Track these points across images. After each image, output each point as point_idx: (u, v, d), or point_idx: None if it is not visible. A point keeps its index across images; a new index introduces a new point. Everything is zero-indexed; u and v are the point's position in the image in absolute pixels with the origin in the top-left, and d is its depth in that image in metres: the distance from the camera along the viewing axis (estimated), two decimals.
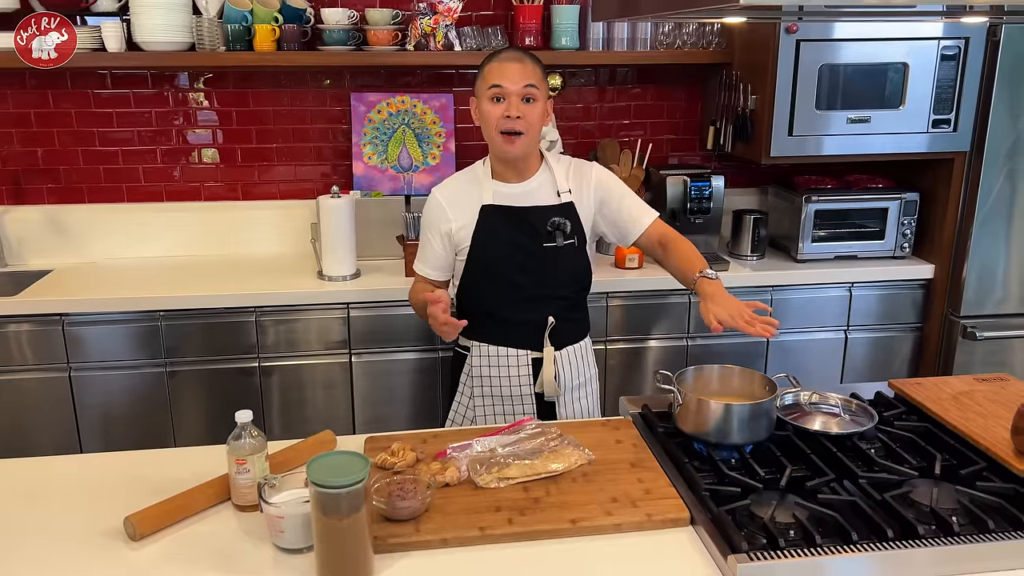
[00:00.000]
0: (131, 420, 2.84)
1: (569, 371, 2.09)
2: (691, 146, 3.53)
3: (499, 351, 2.05)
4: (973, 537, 1.37)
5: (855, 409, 1.80)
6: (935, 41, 2.91)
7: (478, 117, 2.00)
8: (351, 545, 1.30)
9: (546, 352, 2.03)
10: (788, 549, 1.34)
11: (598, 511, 1.48)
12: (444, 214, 2.04)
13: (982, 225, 3.03)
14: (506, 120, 1.92)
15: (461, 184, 2.08)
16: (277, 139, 3.27)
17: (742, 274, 3.06)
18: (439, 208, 2.05)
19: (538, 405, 2.08)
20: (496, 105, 1.93)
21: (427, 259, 2.11)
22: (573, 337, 2.10)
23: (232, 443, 1.49)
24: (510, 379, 2.05)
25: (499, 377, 2.06)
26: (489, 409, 2.09)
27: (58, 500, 1.56)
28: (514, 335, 2.04)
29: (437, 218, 2.06)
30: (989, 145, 2.97)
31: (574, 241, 2.03)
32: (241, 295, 2.81)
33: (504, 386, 2.06)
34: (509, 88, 1.92)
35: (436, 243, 2.07)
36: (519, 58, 1.95)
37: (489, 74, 1.94)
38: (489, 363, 2.06)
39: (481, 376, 2.07)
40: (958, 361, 3.13)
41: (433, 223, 2.06)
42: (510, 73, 1.92)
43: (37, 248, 3.19)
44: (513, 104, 1.92)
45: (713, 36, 3.16)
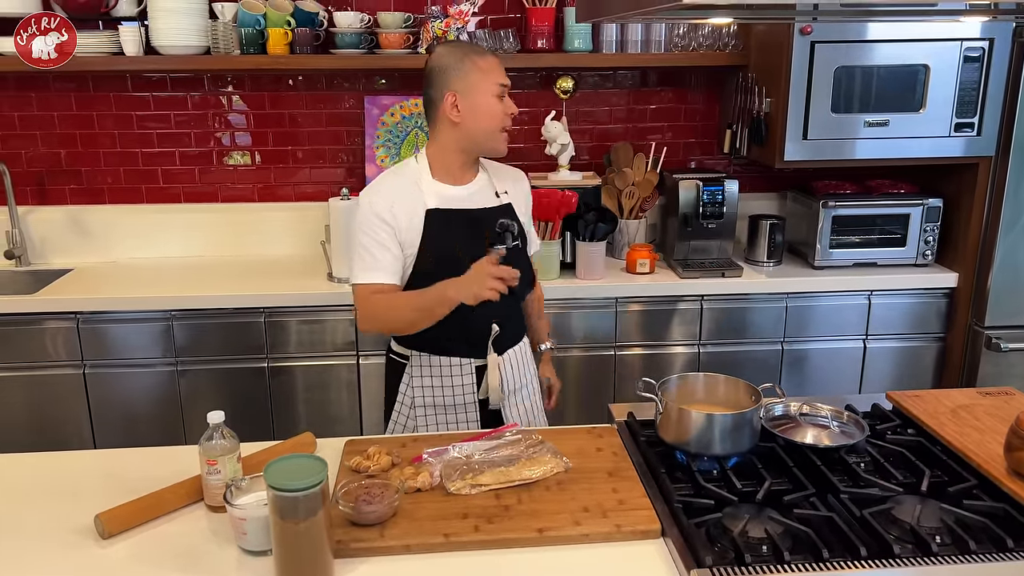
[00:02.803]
0: (144, 418, 2.89)
1: (512, 375, 2.02)
2: (710, 150, 3.48)
3: (440, 360, 1.96)
4: (952, 558, 1.32)
5: (846, 421, 1.75)
6: (957, 42, 2.82)
7: (466, 113, 1.86)
8: (308, 549, 1.29)
9: (490, 359, 1.95)
10: (753, 565, 1.30)
11: (567, 520, 1.46)
12: (386, 209, 1.85)
13: (1008, 232, 2.93)
14: (511, 117, 1.91)
15: (396, 186, 1.90)
16: (293, 142, 3.31)
17: (758, 280, 3.00)
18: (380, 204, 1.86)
19: (481, 413, 2.00)
20: (501, 103, 1.89)
21: (383, 264, 1.86)
22: (513, 340, 2.04)
23: (204, 443, 1.50)
24: (452, 388, 1.97)
25: (441, 387, 1.97)
26: (431, 419, 1.99)
27: (33, 497, 1.58)
28: (458, 343, 1.94)
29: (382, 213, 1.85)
30: (1015, 149, 2.86)
31: (519, 243, 1.97)
32: (251, 296, 2.85)
33: (447, 396, 1.97)
34: (508, 86, 1.91)
35: (391, 243, 1.86)
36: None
37: (493, 71, 1.88)
38: (431, 373, 1.97)
39: (423, 387, 1.97)
40: (982, 373, 3.03)
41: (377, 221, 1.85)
42: (504, 72, 1.90)
43: (59, 248, 3.27)
44: (511, 102, 1.91)
45: (729, 38, 3.11)
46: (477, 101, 1.87)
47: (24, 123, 3.20)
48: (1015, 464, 1.50)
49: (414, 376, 1.98)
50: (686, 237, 3.10)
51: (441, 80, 1.87)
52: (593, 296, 2.93)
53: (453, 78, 1.86)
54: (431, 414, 1.99)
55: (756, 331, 3.02)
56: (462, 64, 1.86)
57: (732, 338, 3.02)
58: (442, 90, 1.87)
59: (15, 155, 3.22)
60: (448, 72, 1.86)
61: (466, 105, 1.86)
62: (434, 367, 1.96)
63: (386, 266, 1.86)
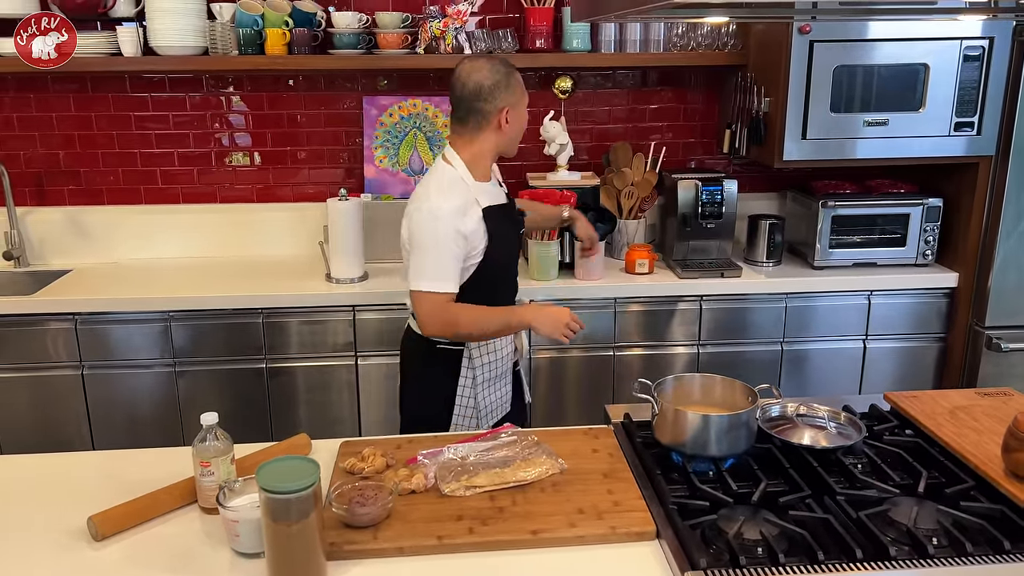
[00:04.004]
0: (143, 419, 2.89)
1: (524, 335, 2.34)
2: (710, 149, 3.47)
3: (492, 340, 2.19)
4: (949, 560, 1.31)
5: (844, 422, 1.74)
6: (957, 41, 2.80)
7: (513, 123, 2.12)
8: (301, 551, 1.29)
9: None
10: (748, 567, 1.29)
11: (562, 522, 1.46)
12: (460, 222, 2.03)
13: (1009, 232, 2.92)
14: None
15: (455, 190, 2.07)
16: (291, 142, 3.30)
17: (757, 281, 2.99)
18: (455, 217, 2.02)
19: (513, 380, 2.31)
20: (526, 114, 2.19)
21: (453, 275, 2.05)
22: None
23: (197, 445, 1.50)
24: (500, 361, 2.22)
25: (495, 362, 2.21)
26: (489, 391, 2.22)
27: (26, 498, 1.58)
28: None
29: (457, 226, 2.02)
30: (1016, 149, 2.85)
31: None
32: (249, 296, 2.84)
33: (499, 368, 2.23)
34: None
35: (460, 252, 2.05)
36: None
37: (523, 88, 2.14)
38: (487, 351, 2.19)
39: (482, 365, 2.18)
40: (983, 373, 3.02)
41: (452, 236, 2.02)
42: None
43: (58, 248, 3.27)
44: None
45: (728, 38, 3.10)
46: (520, 113, 2.14)
47: (23, 124, 3.20)
48: (1013, 465, 1.49)
49: (473, 358, 2.17)
50: (685, 237, 3.09)
51: (497, 94, 2.08)
52: (592, 296, 2.92)
53: (505, 93, 2.09)
54: (489, 388, 2.22)
55: (756, 331, 3.01)
56: (510, 81, 2.10)
57: (732, 338, 3.02)
58: (497, 103, 2.08)
59: (14, 156, 3.22)
60: (501, 88, 2.09)
61: (513, 117, 2.12)
62: (489, 346, 2.19)
63: (456, 276, 2.06)
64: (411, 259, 2.08)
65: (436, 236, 2.01)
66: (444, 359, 2.17)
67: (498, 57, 2.16)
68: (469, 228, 2.03)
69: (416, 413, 2.23)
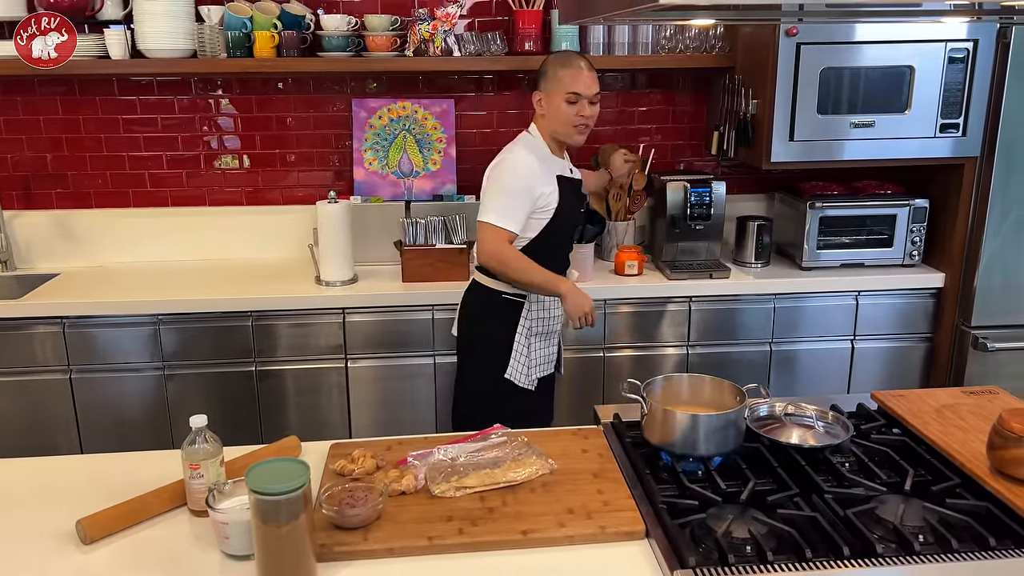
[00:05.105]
0: (132, 422, 2.88)
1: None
2: (698, 151, 3.48)
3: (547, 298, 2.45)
4: (935, 557, 1.32)
5: (831, 421, 1.75)
6: (942, 43, 2.83)
7: (547, 109, 2.38)
8: (291, 553, 1.29)
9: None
10: (737, 566, 1.30)
11: (552, 522, 1.46)
12: (541, 177, 2.34)
13: (994, 232, 2.94)
14: (580, 118, 2.38)
15: (536, 154, 2.38)
16: (281, 145, 3.30)
17: (745, 281, 3.01)
18: (535, 171, 2.33)
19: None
20: (571, 106, 2.35)
21: (518, 218, 2.33)
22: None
23: (187, 448, 1.50)
24: (551, 319, 2.49)
25: (548, 319, 2.48)
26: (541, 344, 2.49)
27: (14, 502, 1.57)
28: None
29: (535, 180, 2.33)
30: (1000, 150, 2.88)
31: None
32: (238, 299, 2.84)
33: (551, 324, 2.50)
34: (584, 94, 2.35)
35: (528, 204, 2.33)
36: (589, 67, 2.38)
37: (567, 80, 2.33)
38: (543, 307, 2.46)
39: (539, 319, 2.45)
40: (969, 373, 3.04)
41: (532, 184, 2.33)
42: (585, 83, 2.35)
43: (45, 252, 3.25)
44: (586, 107, 2.37)
45: (715, 40, 3.11)
46: (553, 102, 2.37)
47: (9, 127, 3.19)
48: (998, 463, 1.51)
49: (531, 310, 2.44)
50: (674, 239, 3.11)
51: (538, 82, 2.41)
52: None
53: (542, 81, 2.39)
54: (539, 342, 2.49)
55: (745, 332, 3.03)
56: (548, 71, 2.38)
57: (721, 339, 3.03)
58: (538, 90, 2.40)
59: (0, 159, 3.21)
60: (541, 76, 2.40)
61: (547, 103, 2.38)
62: (544, 301, 2.46)
63: (521, 219, 2.34)
64: (484, 196, 2.36)
65: (513, 180, 2.32)
66: (507, 309, 2.44)
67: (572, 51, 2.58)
68: (543, 185, 2.34)
69: (479, 351, 2.49)
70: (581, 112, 2.36)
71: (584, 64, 2.38)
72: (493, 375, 2.43)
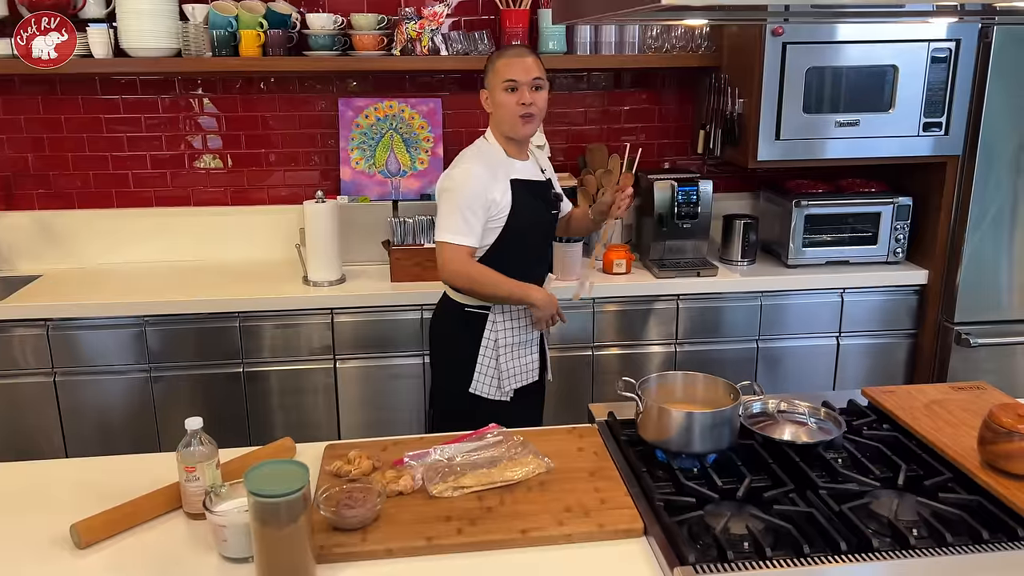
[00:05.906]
0: (117, 425, 2.85)
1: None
2: (684, 150, 3.50)
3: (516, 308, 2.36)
4: (929, 551, 1.34)
5: (823, 418, 1.77)
6: (925, 43, 2.86)
7: (491, 106, 2.31)
8: (290, 555, 1.28)
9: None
10: (736, 562, 1.31)
11: (550, 521, 1.46)
12: (489, 185, 2.25)
13: (976, 230, 2.98)
14: (521, 107, 2.26)
15: (486, 160, 2.29)
16: (265, 145, 3.28)
17: (732, 280, 3.03)
18: (483, 180, 2.24)
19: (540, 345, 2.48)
20: (511, 95, 2.25)
21: (475, 231, 2.25)
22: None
23: (182, 450, 1.49)
24: (523, 329, 2.39)
25: (517, 328, 2.38)
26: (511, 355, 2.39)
27: (4, 507, 1.55)
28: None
29: (484, 189, 2.24)
30: (982, 148, 2.92)
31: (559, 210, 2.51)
32: (225, 300, 2.81)
33: (521, 334, 2.40)
34: (521, 80, 2.25)
35: (481, 214, 2.25)
36: (525, 54, 2.28)
37: (501, 70, 2.26)
38: (511, 317, 2.37)
39: (505, 330, 2.36)
40: (953, 368, 3.08)
41: (480, 194, 2.23)
42: (522, 68, 2.25)
43: (28, 253, 3.21)
44: (526, 94, 2.25)
45: (702, 39, 3.13)
46: (495, 97, 2.29)
47: None
48: (988, 457, 1.53)
49: (497, 322, 2.35)
50: (661, 237, 3.12)
51: (484, 81, 2.32)
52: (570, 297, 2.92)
53: (485, 79, 2.32)
54: (511, 353, 2.39)
55: (731, 330, 3.05)
56: (488, 67, 2.32)
57: (708, 337, 3.05)
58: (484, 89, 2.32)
59: None
60: (485, 75, 2.32)
61: (492, 100, 2.30)
62: (513, 311, 2.37)
63: (478, 231, 2.26)
64: (438, 215, 2.29)
65: (462, 193, 2.22)
66: (470, 318, 2.36)
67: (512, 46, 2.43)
68: (493, 192, 2.24)
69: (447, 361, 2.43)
70: (522, 100, 2.24)
71: (520, 51, 2.29)
72: (460, 388, 2.37)
